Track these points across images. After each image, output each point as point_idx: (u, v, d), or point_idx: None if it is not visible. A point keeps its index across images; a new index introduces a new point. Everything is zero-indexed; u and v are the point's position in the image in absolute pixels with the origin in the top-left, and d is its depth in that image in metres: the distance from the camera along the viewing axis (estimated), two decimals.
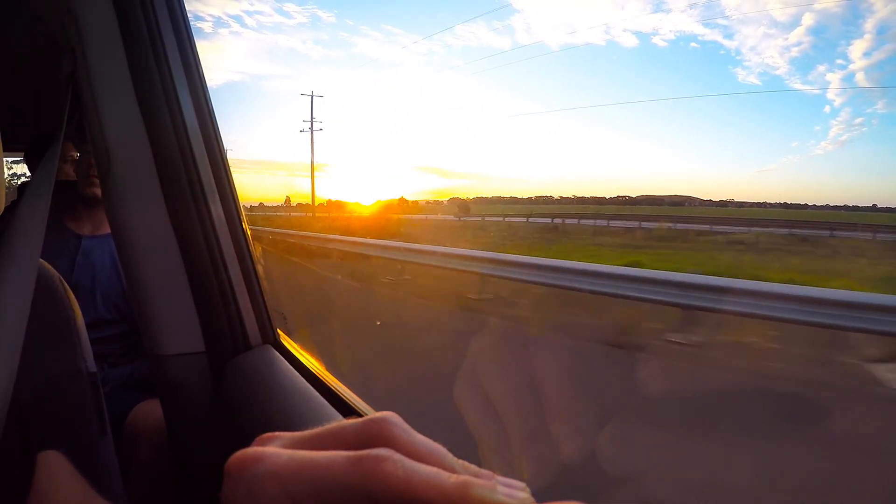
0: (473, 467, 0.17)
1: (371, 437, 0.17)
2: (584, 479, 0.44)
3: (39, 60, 1.12)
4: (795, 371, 3.01)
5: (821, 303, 2.93)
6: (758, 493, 1.66)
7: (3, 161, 0.51)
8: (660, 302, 3.55)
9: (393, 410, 0.18)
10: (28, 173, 1.82)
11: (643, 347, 3.38)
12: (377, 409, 0.23)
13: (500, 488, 0.16)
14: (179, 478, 0.98)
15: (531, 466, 0.38)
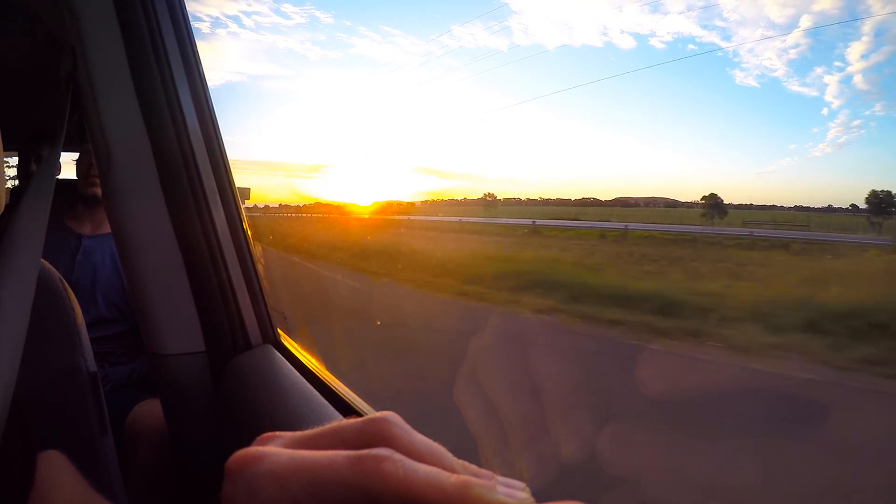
0: (473, 467, 0.18)
1: (371, 437, 0.17)
2: None
3: (39, 59, 1.12)
4: None
5: None
6: None
7: (3, 161, 0.51)
8: None
9: (392, 409, 0.19)
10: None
11: None
12: (378, 409, 0.23)
13: (500, 488, 0.16)
14: (179, 477, 0.98)
15: None
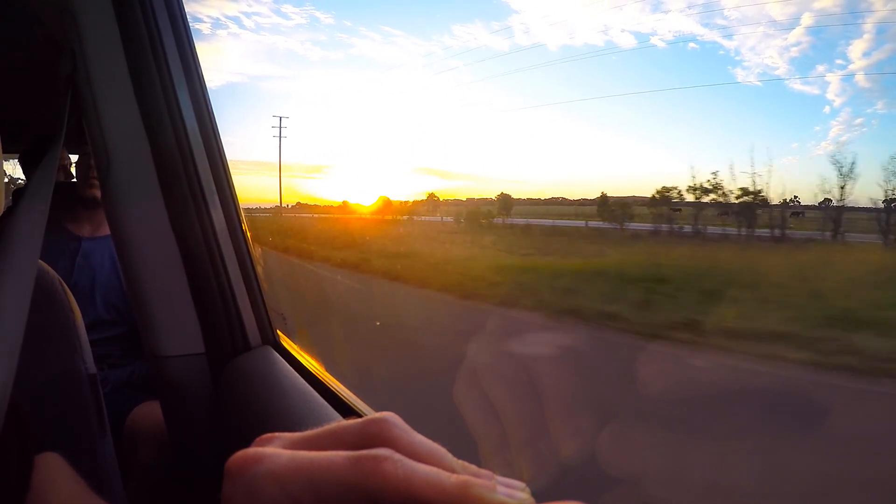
0: (473, 467, 0.17)
1: (371, 438, 0.17)
2: None
3: (38, 61, 1.12)
4: None
5: None
6: None
7: (2, 162, 0.51)
8: None
9: (392, 409, 0.19)
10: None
11: None
12: (377, 410, 0.23)
13: (500, 488, 0.16)
14: (179, 479, 0.98)
15: None
